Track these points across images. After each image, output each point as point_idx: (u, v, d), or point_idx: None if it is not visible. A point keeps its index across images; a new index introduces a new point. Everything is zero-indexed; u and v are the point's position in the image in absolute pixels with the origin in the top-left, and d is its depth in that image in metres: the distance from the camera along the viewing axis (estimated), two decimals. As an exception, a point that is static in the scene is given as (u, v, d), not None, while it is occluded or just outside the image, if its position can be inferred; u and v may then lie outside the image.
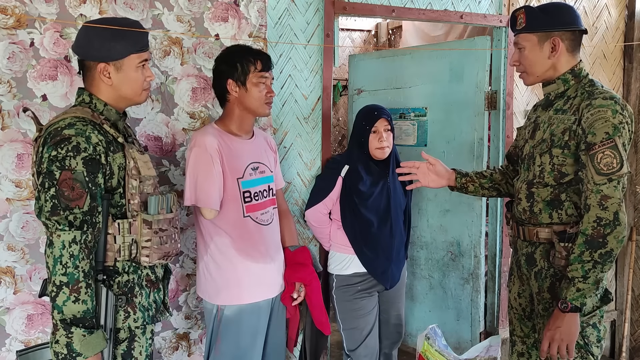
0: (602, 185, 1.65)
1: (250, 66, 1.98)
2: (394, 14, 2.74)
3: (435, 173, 2.16)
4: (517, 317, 2.02)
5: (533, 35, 1.83)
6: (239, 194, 1.99)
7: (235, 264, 1.99)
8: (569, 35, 1.81)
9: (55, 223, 1.44)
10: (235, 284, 2.00)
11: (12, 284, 2.07)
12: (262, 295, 2.04)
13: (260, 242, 2.03)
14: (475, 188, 2.15)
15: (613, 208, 1.64)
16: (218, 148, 1.94)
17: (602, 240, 1.64)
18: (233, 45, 2.14)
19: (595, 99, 1.72)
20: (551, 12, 1.82)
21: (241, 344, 2.00)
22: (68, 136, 1.47)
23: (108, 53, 1.58)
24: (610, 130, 1.66)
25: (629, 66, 3.38)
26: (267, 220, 2.08)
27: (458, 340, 3.04)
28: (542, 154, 1.84)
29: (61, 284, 1.43)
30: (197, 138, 1.96)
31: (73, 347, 1.42)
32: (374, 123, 2.36)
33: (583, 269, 1.66)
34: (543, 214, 1.84)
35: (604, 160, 1.65)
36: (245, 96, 1.99)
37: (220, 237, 1.99)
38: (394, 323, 2.56)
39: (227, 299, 2.00)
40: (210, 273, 2.01)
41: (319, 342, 2.37)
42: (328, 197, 2.41)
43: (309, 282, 2.14)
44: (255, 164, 2.06)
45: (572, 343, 1.70)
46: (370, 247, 2.39)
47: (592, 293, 1.68)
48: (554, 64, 1.84)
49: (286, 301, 2.14)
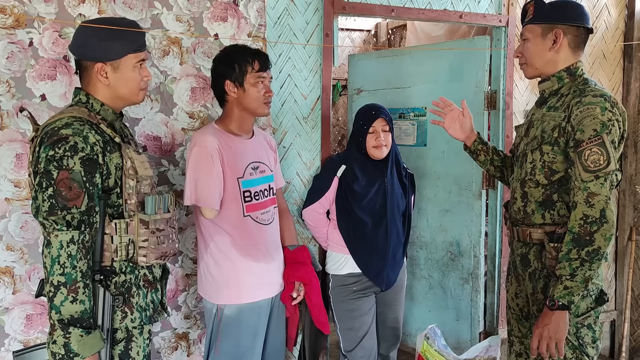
0: (589, 182, 1.65)
1: (248, 66, 1.98)
2: (394, 13, 2.74)
3: (461, 125, 2.15)
4: (515, 317, 2.02)
5: (538, 27, 1.84)
6: (239, 193, 1.99)
7: (235, 263, 1.99)
8: (572, 31, 1.82)
9: (52, 223, 1.44)
10: (235, 284, 2.00)
11: (11, 284, 2.07)
12: (262, 294, 2.04)
13: (260, 241, 2.04)
14: (485, 159, 2.16)
15: (600, 205, 1.64)
16: (218, 148, 1.94)
17: (589, 238, 1.64)
18: (230, 46, 2.13)
19: (585, 97, 1.73)
20: (558, 5, 1.84)
21: (241, 344, 2.00)
22: (65, 136, 1.47)
23: (105, 53, 1.58)
24: (598, 128, 1.66)
25: (629, 66, 3.38)
26: (268, 220, 2.08)
27: (457, 340, 3.04)
28: (533, 151, 1.85)
29: (59, 284, 1.42)
30: (197, 138, 1.96)
31: (70, 347, 1.42)
32: (371, 123, 2.35)
33: (570, 266, 1.66)
34: (536, 215, 1.85)
35: (591, 157, 1.65)
36: (243, 96, 1.99)
37: (220, 237, 1.99)
38: (390, 326, 2.55)
39: (227, 298, 2.00)
40: (211, 272, 2.01)
41: (317, 342, 2.37)
42: (324, 197, 2.40)
43: (308, 281, 2.15)
44: (256, 164, 2.06)
45: (560, 341, 1.70)
46: (364, 247, 2.39)
47: (580, 291, 1.67)
48: (553, 58, 1.84)
49: (286, 300, 2.14)
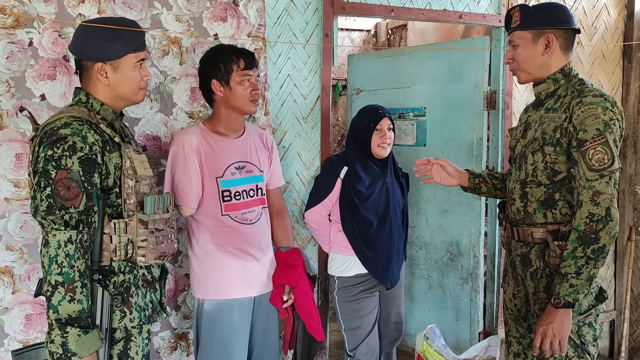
0: (594, 181, 1.66)
1: (233, 65, 1.99)
2: (393, 13, 2.74)
3: (447, 172, 2.18)
4: (513, 317, 2.02)
5: (527, 33, 1.84)
6: (217, 192, 2.01)
7: (215, 259, 2.02)
8: (562, 34, 1.83)
9: (50, 222, 1.44)
10: (215, 279, 2.02)
11: (10, 283, 2.07)
12: (243, 292, 2.04)
13: (241, 240, 2.04)
14: (488, 189, 2.17)
15: (605, 204, 1.65)
16: (197, 147, 1.96)
17: (594, 236, 1.65)
18: (216, 45, 2.15)
19: (586, 97, 1.74)
20: (545, 10, 1.84)
21: (222, 340, 2.01)
22: (64, 135, 1.47)
23: (105, 52, 1.59)
24: (601, 127, 1.67)
25: (628, 66, 3.38)
26: (252, 220, 2.08)
27: (457, 340, 3.04)
28: (534, 152, 1.85)
29: (56, 284, 1.43)
30: (177, 137, 2.00)
31: (68, 346, 1.42)
32: (378, 121, 2.38)
33: (576, 264, 1.67)
34: (537, 214, 1.85)
35: (596, 156, 1.66)
36: (230, 95, 2.00)
37: (201, 233, 2.03)
38: (394, 321, 2.58)
39: (206, 292, 2.03)
40: (194, 267, 2.07)
41: (311, 346, 2.29)
42: (327, 199, 2.41)
43: (295, 284, 2.11)
44: (241, 163, 2.07)
45: (564, 339, 1.70)
46: (369, 247, 2.40)
47: (585, 289, 1.68)
48: (546, 62, 1.85)
49: (276, 303, 2.13)
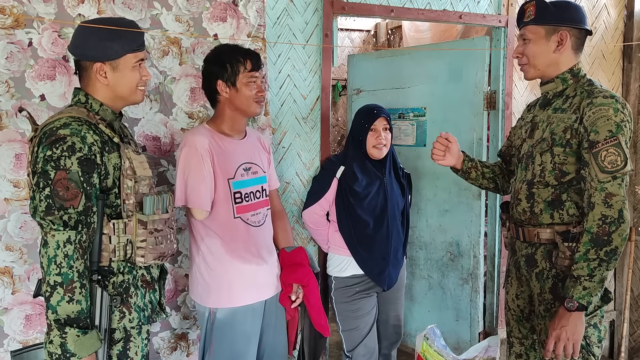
0: (606, 183, 1.65)
1: (240, 66, 1.96)
2: (393, 14, 2.74)
3: (449, 151, 2.14)
4: (515, 318, 2.02)
5: (541, 28, 1.82)
6: (229, 194, 1.97)
7: (226, 266, 1.97)
8: (575, 33, 1.82)
9: (49, 223, 1.44)
10: (227, 286, 1.97)
11: (10, 284, 2.07)
12: (255, 297, 2.02)
13: (250, 243, 2.01)
14: (477, 175, 2.16)
15: (618, 206, 1.64)
16: (209, 148, 1.92)
17: (607, 238, 1.64)
18: (221, 45, 2.12)
19: (596, 98, 1.72)
20: (562, 7, 1.83)
21: (235, 347, 1.98)
22: (63, 136, 1.47)
23: (104, 53, 1.58)
24: (613, 129, 1.66)
25: (628, 66, 3.38)
26: (259, 222, 2.06)
27: (457, 341, 3.03)
28: (542, 153, 1.84)
29: (55, 284, 1.43)
30: (187, 138, 1.95)
31: (67, 347, 1.42)
32: (373, 121, 2.36)
33: (589, 267, 1.65)
34: (544, 215, 1.84)
35: (608, 158, 1.65)
36: (236, 96, 1.98)
37: (210, 239, 1.97)
38: (392, 324, 2.57)
39: (219, 301, 1.97)
40: (202, 275, 1.99)
41: (317, 344, 2.32)
42: (323, 198, 2.40)
43: (306, 282, 2.12)
44: (248, 165, 2.05)
45: (577, 342, 1.69)
46: (365, 247, 2.39)
47: (598, 291, 1.67)
48: (557, 59, 1.84)
49: (285, 302, 2.12)
